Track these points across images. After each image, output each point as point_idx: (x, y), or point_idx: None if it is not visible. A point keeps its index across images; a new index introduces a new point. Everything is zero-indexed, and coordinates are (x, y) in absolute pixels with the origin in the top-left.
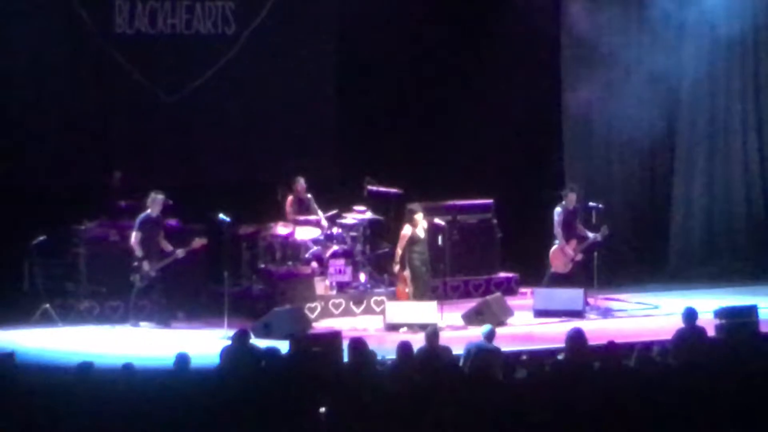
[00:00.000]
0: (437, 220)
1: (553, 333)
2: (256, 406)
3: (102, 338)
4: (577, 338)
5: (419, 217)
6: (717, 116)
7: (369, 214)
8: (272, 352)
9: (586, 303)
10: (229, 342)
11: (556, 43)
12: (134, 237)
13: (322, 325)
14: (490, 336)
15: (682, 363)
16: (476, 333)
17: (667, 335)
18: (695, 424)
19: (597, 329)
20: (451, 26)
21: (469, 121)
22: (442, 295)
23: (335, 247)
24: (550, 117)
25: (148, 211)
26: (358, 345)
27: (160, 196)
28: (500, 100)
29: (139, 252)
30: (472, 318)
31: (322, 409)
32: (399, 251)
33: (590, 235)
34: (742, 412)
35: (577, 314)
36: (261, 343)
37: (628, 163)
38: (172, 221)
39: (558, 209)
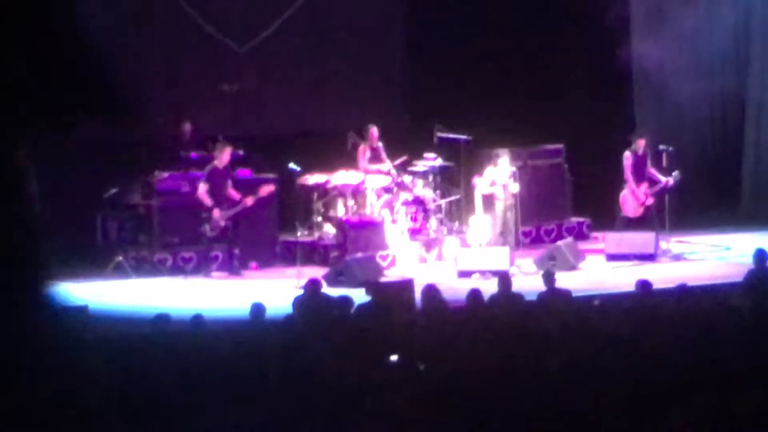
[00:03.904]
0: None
1: (625, 277)
2: (328, 355)
3: (175, 290)
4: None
5: (503, 161)
6: None
7: (439, 161)
8: (345, 301)
9: (658, 246)
10: (302, 291)
11: None
12: (201, 188)
13: (393, 273)
14: (549, 279)
15: (752, 304)
16: None
17: (739, 277)
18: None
19: (669, 272)
20: None
21: (539, 66)
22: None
23: (406, 195)
24: (620, 61)
25: (215, 161)
26: (431, 292)
27: (228, 147)
28: (570, 45)
29: (208, 202)
30: (545, 263)
31: (394, 357)
32: (478, 194)
33: (662, 178)
34: None
35: (649, 257)
36: (333, 291)
37: (698, 106)
38: (244, 171)
39: (627, 153)
